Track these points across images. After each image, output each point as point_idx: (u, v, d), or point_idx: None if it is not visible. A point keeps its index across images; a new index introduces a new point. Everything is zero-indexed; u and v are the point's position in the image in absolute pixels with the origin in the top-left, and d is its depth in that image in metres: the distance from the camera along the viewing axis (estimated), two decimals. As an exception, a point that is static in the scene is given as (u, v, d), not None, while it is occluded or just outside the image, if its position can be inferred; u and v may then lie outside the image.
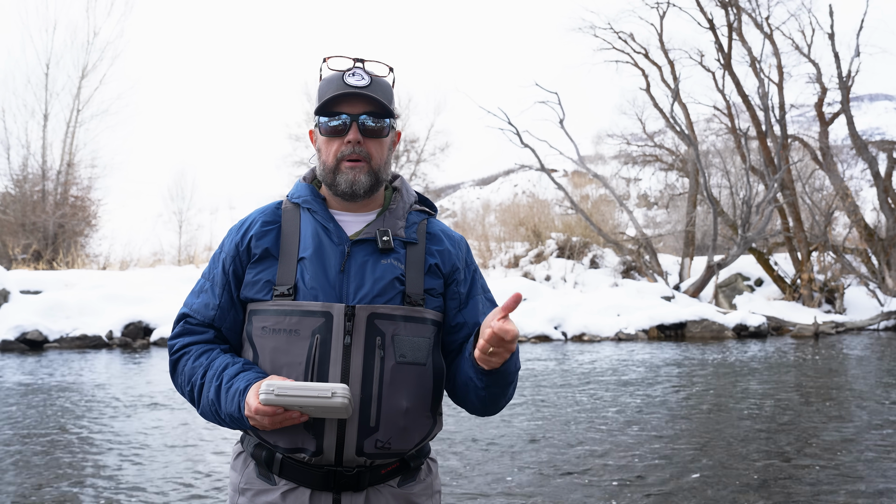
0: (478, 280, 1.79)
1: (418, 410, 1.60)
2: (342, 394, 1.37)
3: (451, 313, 1.71)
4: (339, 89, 1.62)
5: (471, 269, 1.79)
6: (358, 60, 1.67)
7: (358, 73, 1.64)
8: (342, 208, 1.71)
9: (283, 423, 1.46)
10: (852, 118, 22.18)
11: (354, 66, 1.66)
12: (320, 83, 1.69)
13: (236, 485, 1.65)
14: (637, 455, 5.64)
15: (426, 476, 1.70)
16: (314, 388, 1.38)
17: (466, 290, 1.74)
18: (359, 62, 1.67)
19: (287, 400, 1.39)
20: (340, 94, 1.62)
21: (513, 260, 25.71)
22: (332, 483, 1.55)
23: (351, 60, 1.67)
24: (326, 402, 1.37)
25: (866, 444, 6.04)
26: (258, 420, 1.45)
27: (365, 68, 1.66)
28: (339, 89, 1.62)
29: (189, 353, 1.65)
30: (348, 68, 1.65)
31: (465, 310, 1.72)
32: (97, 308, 14.38)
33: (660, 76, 24.85)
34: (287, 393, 1.38)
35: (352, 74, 1.63)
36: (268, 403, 1.40)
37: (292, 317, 1.55)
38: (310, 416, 1.45)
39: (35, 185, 24.31)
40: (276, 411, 1.42)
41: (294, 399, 1.38)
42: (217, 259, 1.71)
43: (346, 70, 1.65)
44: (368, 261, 1.61)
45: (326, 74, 1.70)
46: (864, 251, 22.05)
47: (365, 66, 1.67)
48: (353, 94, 1.62)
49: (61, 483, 4.84)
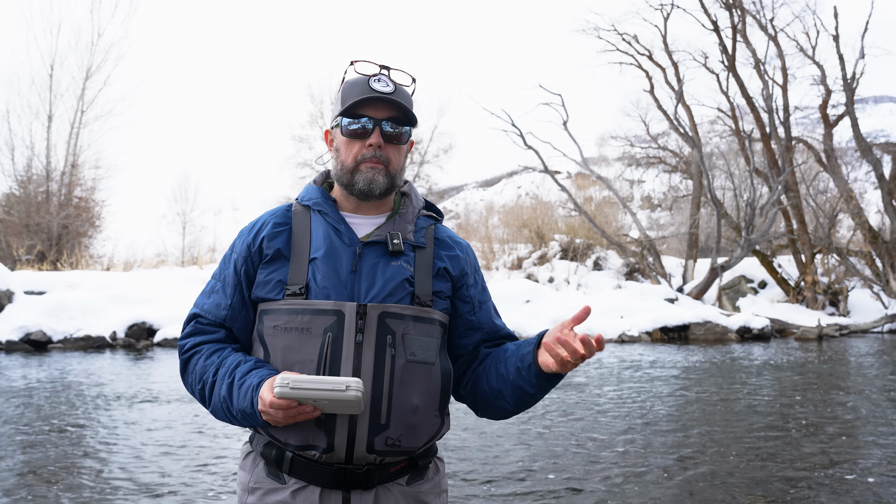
0: (485, 286, 1.84)
1: (428, 409, 1.62)
2: (356, 387, 1.39)
3: (464, 316, 1.75)
4: (364, 93, 1.65)
5: (480, 275, 1.84)
6: (384, 67, 1.71)
7: (384, 80, 1.67)
8: (353, 211, 1.74)
9: (297, 418, 1.47)
10: (857, 120, 22.13)
11: (381, 73, 1.70)
12: (344, 85, 1.73)
13: (245, 484, 1.66)
14: (638, 455, 5.63)
15: (434, 475, 1.72)
16: (329, 382, 1.40)
17: (478, 293, 1.79)
18: (385, 69, 1.71)
19: (302, 393, 1.40)
20: (366, 98, 1.65)
21: (516, 262, 25.72)
22: (342, 481, 1.57)
23: (377, 66, 1.71)
24: (341, 395, 1.38)
25: (870, 445, 6.02)
26: (272, 414, 1.46)
27: (390, 76, 1.70)
28: (365, 93, 1.65)
29: (200, 352, 1.67)
30: (374, 74, 1.69)
31: (479, 313, 1.77)
32: (101, 309, 14.41)
33: (664, 78, 24.84)
34: (302, 386, 1.40)
35: (378, 80, 1.67)
36: (283, 397, 1.41)
37: (304, 315, 1.57)
38: (322, 410, 1.46)
39: (39, 186, 24.37)
40: (290, 405, 1.43)
41: (309, 392, 1.40)
42: (228, 260, 1.74)
43: (373, 75, 1.68)
44: (379, 262, 1.64)
45: (351, 77, 1.73)
46: (868, 254, 22.00)
47: (390, 74, 1.71)
48: (378, 98, 1.65)
49: (62, 481, 4.85)
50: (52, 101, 24.62)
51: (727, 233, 24.49)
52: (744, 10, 23.03)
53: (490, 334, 1.77)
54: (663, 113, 24.66)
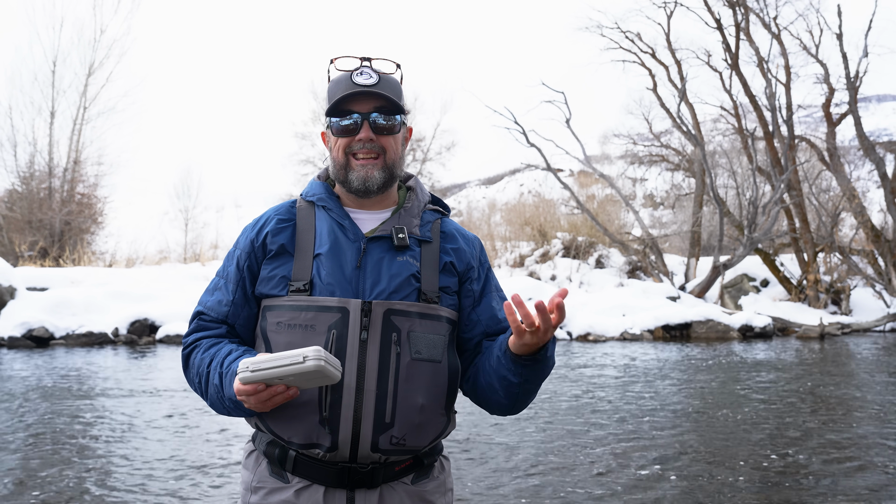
0: (491, 279, 1.80)
1: (433, 407, 1.60)
2: (314, 356, 1.33)
3: (465, 311, 1.72)
4: (347, 89, 1.64)
5: (484, 268, 1.80)
6: (365, 59, 1.69)
7: (366, 72, 1.65)
8: (357, 206, 1.72)
9: (273, 401, 1.42)
10: (860, 119, 22.07)
11: (362, 66, 1.67)
12: (329, 84, 1.71)
13: (248, 483, 1.64)
14: (639, 454, 5.63)
15: (439, 473, 1.70)
16: (286, 357, 1.35)
17: (480, 287, 1.75)
18: (366, 61, 1.68)
19: (262, 374, 1.36)
20: (350, 94, 1.63)
21: (518, 259, 25.70)
22: (347, 480, 1.55)
23: (358, 60, 1.69)
24: (300, 367, 1.33)
25: (873, 445, 6.01)
26: (246, 401, 1.43)
27: (372, 66, 1.68)
28: (348, 89, 1.64)
29: (199, 346, 1.66)
30: (356, 68, 1.67)
31: (479, 307, 1.73)
32: (103, 305, 14.43)
33: (667, 76, 24.78)
34: (261, 367, 1.36)
35: (360, 73, 1.65)
36: (246, 381, 1.38)
37: (308, 312, 1.56)
38: (299, 388, 1.42)
39: (42, 183, 24.39)
40: (256, 388, 1.39)
41: (269, 372, 1.35)
42: (231, 256, 1.73)
43: (354, 70, 1.66)
44: (384, 257, 1.62)
45: (334, 75, 1.72)
46: (871, 252, 21.96)
47: (372, 65, 1.68)
48: (362, 92, 1.63)
49: (63, 478, 4.86)
50: (55, 98, 24.63)
51: (729, 231, 24.45)
52: (747, 8, 22.96)
53: (490, 327, 1.72)
54: (666, 111, 24.60)
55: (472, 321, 1.72)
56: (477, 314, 1.72)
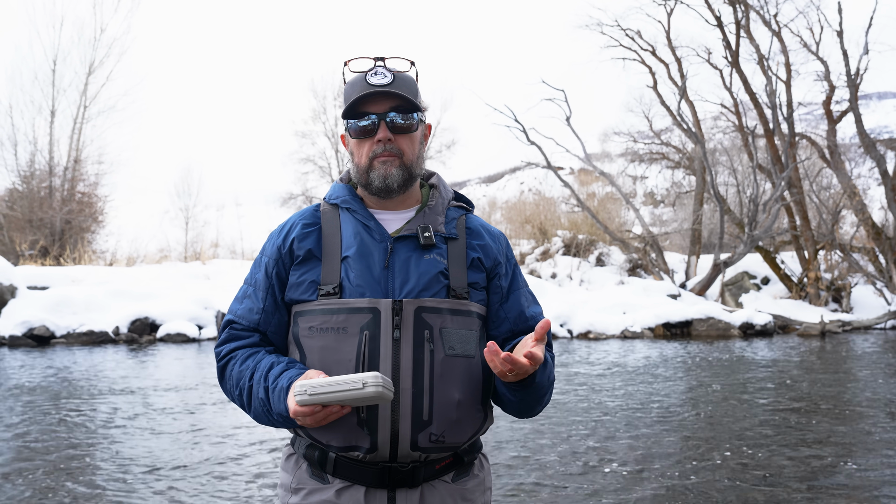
0: (518, 275, 1.79)
1: (470, 403, 1.60)
2: (373, 382, 1.36)
3: (493, 307, 1.72)
4: (363, 90, 1.63)
5: (511, 264, 1.79)
6: (379, 59, 1.68)
7: (380, 72, 1.65)
8: (380, 207, 1.72)
9: (329, 419, 1.44)
10: (860, 116, 22.06)
11: (375, 66, 1.67)
12: (345, 87, 1.70)
13: (288, 485, 1.64)
14: (640, 452, 5.63)
15: (479, 471, 1.70)
16: (345, 382, 1.37)
17: (508, 283, 1.74)
18: (380, 61, 1.68)
19: (321, 398, 1.38)
20: (365, 95, 1.63)
21: (519, 257, 25.69)
22: (387, 479, 1.55)
23: (371, 60, 1.68)
24: (360, 393, 1.36)
25: (874, 444, 6.01)
26: (302, 420, 1.45)
27: (386, 66, 1.67)
28: (364, 90, 1.63)
29: (235, 357, 1.65)
30: (370, 68, 1.66)
31: (506, 304, 1.72)
32: (104, 304, 14.44)
33: (667, 73, 24.78)
34: (319, 391, 1.38)
35: (374, 74, 1.64)
36: (303, 404, 1.40)
37: (340, 315, 1.56)
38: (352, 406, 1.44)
39: (42, 182, 24.38)
40: (314, 410, 1.41)
41: (327, 396, 1.38)
42: (259, 264, 1.72)
43: (368, 70, 1.66)
44: (412, 256, 1.61)
45: (349, 77, 1.71)
46: (872, 250, 21.96)
47: (386, 64, 1.68)
48: (377, 93, 1.63)
49: (64, 476, 4.86)
50: (55, 97, 24.63)
51: (730, 229, 24.45)
52: (747, 6, 22.94)
53: (517, 325, 1.72)
54: (666, 109, 24.60)
55: (500, 318, 1.71)
56: (504, 311, 1.72)
